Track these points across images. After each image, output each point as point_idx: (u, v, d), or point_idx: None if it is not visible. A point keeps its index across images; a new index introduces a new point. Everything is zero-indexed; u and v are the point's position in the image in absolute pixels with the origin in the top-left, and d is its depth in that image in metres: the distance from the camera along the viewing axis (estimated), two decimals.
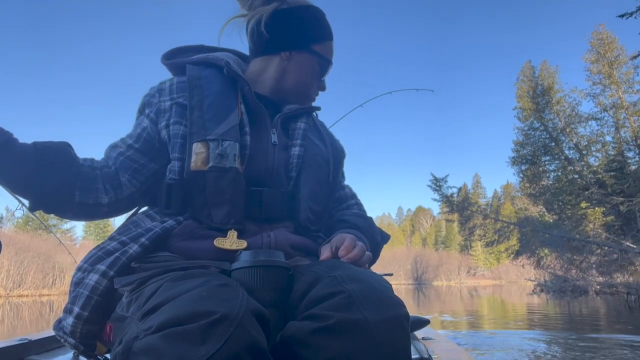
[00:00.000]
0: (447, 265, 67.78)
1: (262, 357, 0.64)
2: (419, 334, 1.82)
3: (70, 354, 1.51)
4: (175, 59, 1.15)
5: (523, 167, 21.61)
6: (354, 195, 1.28)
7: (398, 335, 0.70)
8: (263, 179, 1.02)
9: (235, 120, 1.00)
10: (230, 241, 0.93)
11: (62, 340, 0.92)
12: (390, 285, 0.80)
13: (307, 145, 1.10)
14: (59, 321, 0.92)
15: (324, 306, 0.71)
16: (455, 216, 16.37)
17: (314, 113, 1.25)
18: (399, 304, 0.75)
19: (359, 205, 1.26)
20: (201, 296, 0.66)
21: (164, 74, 1.18)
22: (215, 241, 0.92)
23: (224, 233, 0.95)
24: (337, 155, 1.19)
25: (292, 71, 1.14)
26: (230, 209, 0.95)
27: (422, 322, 1.69)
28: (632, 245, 12.38)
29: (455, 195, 15.50)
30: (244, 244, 0.93)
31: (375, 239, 1.12)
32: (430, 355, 1.45)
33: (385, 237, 1.19)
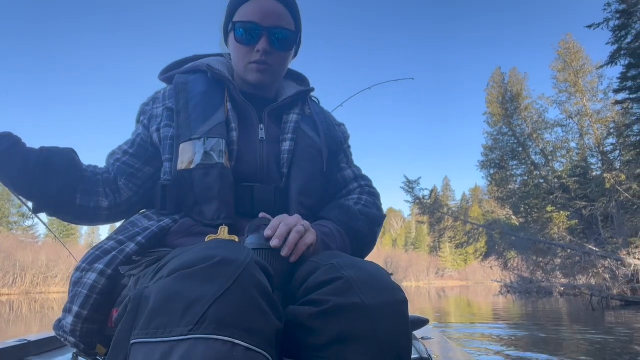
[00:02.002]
0: (417, 266, 68.87)
1: (270, 299, 0.65)
2: (418, 333, 1.81)
3: (69, 355, 1.49)
4: (170, 72, 1.19)
5: (491, 171, 22.14)
6: (357, 177, 1.21)
7: (397, 319, 0.70)
8: (254, 176, 1.03)
9: (221, 118, 1.01)
10: (222, 237, 0.93)
11: (62, 339, 0.93)
12: (388, 272, 0.81)
13: (299, 138, 1.08)
14: (59, 321, 0.93)
15: (323, 292, 0.72)
16: (426, 218, 16.63)
17: (313, 99, 1.22)
18: (397, 288, 0.75)
19: (361, 187, 1.19)
20: (210, 246, 0.69)
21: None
22: (206, 238, 0.93)
23: (217, 229, 0.95)
24: (332, 143, 1.14)
25: (231, 54, 1.14)
26: (220, 205, 0.96)
27: (421, 322, 1.67)
28: (594, 249, 12.84)
29: (427, 197, 15.75)
30: (235, 239, 0.92)
31: (352, 227, 1.04)
32: (429, 355, 1.43)
33: (374, 220, 1.09)
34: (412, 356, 1.44)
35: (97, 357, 0.97)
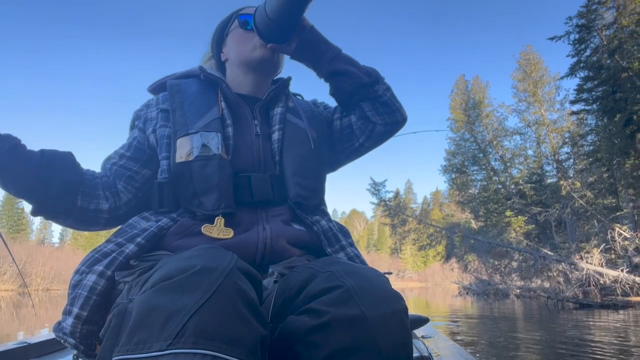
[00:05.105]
0: (378, 268, 67.95)
1: (254, 307, 0.64)
2: (418, 332, 1.80)
3: (70, 357, 1.47)
4: (159, 81, 1.21)
5: (453, 176, 22.75)
6: None
7: (398, 330, 0.70)
8: (250, 168, 1.05)
9: (216, 114, 1.04)
10: (218, 229, 0.94)
11: (62, 341, 0.93)
12: (388, 279, 0.80)
13: (286, 127, 1.12)
14: (59, 323, 0.93)
15: (322, 301, 0.70)
16: (389, 220, 16.88)
17: (298, 97, 1.25)
18: (398, 297, 0.74)
19: None
20: (192, 255, 0.68)
21: None
22: (203, 228, 0.93)
23: (214, 221, 0.96)
24: (317, 124, 1.18)
25: (230, 53, 1.18)
26: (219, 195, 0.96)
27: (422, 321, 1.66)
28: (549, 253, 13.38)
29: (391, 199, 15.99)
30: (230, 232, 0.94)
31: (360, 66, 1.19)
32: (430, 354, 1.43)
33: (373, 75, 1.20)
34: (413, 355, 1.45)
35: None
